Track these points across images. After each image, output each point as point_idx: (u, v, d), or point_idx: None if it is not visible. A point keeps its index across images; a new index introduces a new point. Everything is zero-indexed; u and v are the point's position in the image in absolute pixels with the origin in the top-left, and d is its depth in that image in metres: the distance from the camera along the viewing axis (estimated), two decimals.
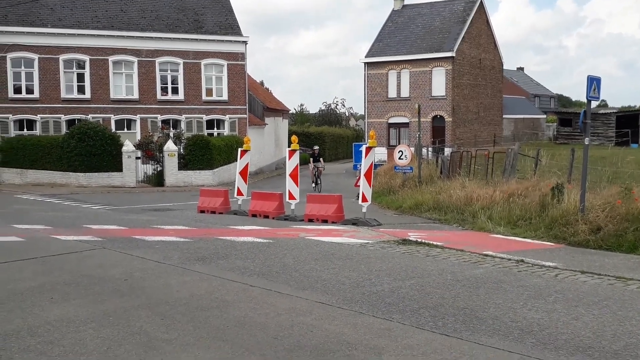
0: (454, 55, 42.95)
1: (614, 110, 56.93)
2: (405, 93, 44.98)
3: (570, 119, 55.13)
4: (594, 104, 12.98)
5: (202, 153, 32.76)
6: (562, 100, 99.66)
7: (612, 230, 10.54)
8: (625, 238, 10.30)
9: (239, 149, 18.29)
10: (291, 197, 16.42)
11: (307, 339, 5.91)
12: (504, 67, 55.15)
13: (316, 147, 30.10)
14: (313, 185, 27.89)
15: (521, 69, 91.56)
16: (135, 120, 36.83)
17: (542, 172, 16.48)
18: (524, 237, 11.76)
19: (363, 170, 15.47)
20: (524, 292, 7.61)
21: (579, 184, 11.95)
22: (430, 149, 36.92)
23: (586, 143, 11.73)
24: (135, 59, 36.48)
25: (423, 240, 11.57)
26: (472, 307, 6.93)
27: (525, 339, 5.84)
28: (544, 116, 72.39)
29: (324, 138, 62.84)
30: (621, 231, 10.44)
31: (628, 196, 11.10)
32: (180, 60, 37.25)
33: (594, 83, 11.69)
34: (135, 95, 36.70)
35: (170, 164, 32.36)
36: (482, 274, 8.71)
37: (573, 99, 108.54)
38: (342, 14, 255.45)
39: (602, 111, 56.50)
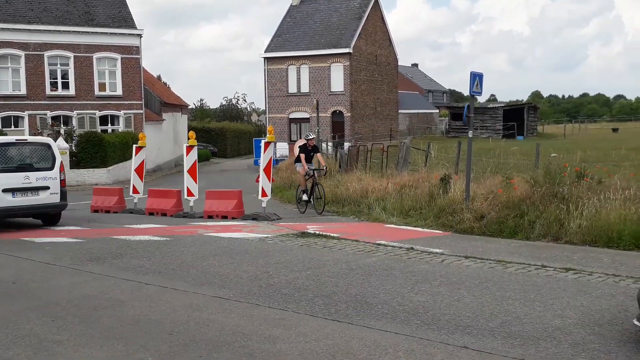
0: (351, 51, 43.86)
1: (502, 105, 60.26)
2: (305, 88, 45.45)
3: (461, 113, 57.73)
4: (482, 99, 13.76)
5: (95, 150, 31.66)
6: (455, 95, 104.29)
7: (494, 218, 11.26)
8: (506, 224, 11.04)
9: (134, 146, 17.89)
10: (190, 194, 16.27)
11: (202, 333, 5.99)
12: (399, 64, 56.93)
13: (312, 136, 16.97)
14: (304, 198, 16.23)
15: (415, 65, 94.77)
16: (23, 117, 34.93)
17: (432, 164, 17.28)
18: (415, 226, 12.32)
19: (262, 165, 15.59)
20: (412, 277, 8.04)
21: (465, 174, 12.66)
22: (330, 143, 37.60)
23: (470, 136, 12.45)
24: (22, 53, 34.59)
25: (321, 232, 11.86)
26: (364, 294, 7.25)
27: (411, 320, 6.21)
28: (437, 111, 75.39)
29: (226, 134, 62.33)
30: (502, 218, 11.18)
31: (508, 185, 11.90)
32: (70, 54, 35.71)
33: (476, 79, 12.40)
34: (23, 90, 34.83)
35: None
36: (374, 262, 9.09)
37: (465, 94, 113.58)
38: (245, 7, 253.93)
39: (490, 105, 59.65)
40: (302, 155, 16.39)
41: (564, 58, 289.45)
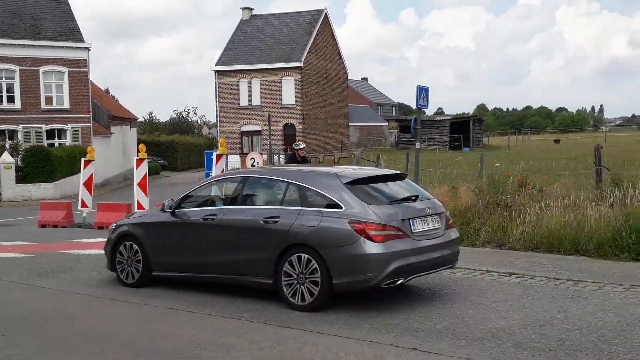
0: (301, 65, 44.23)
1: (449, 117, 61.62)
2: (256, 101, 45.54)
3: (410, 125, 58.83)
4: (430, 112, 14.14)
5: (42, 165, 30.93)
6: (403, 108, 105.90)
7: None
8: None
9: (83, 160, 17.64)
10: (140, 207, 16.09)
11: (156, 344, 6.03)
12: (349, 78, 57.65)
13: (302, 146, 15.26)
14: None
15: (365, 79, 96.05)
16: None
17: None
18: None
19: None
20: None
21: None
22: (282, 155, 37.76)
23: (417, 147, 12.82)
24: None
25: None
26: None
27: (362, 325, 6.38)
28: (386, 124, 76.53)
29: (176, 147, 61.67)
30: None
31: (454, 194, 12.27)
32: (16, 67, 34.86)
33: (422, 92, 12.79)
34: None
35: (7, 177, 30.18)
36: None
37: (413, 107, 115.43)
38: (195, 21, 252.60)
39: (438, 118, 60.91)
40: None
41: (508, 72, 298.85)
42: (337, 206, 6.91)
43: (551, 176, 15.18)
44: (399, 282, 6.92)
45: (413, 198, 7.35)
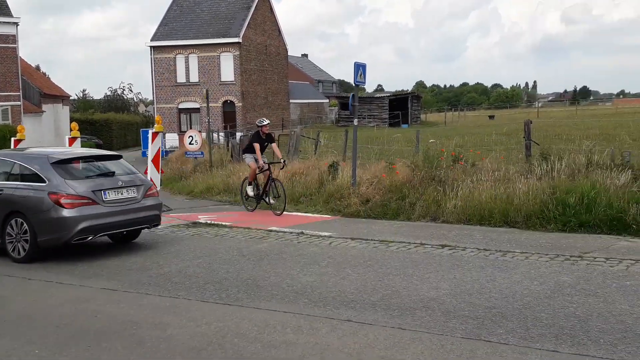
0: (240, 40, 43.62)
1: (388, 94, 62.22)
2: (194, 78, 44.70)
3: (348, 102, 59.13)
4: (370, 89, 14.22)
5: None
6: (344, 85, 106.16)
7: (378, 201, 11.83)
8: (390, 207, 11.63)
9: (13, 139, 16.99)
10: None
11: (91, 324, 5.97)
12: (289, 54, 57.28)
13: (266, 122, 13.55)
14: (249, 193, 13.54)
15: (305, 55, 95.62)
16: None
17: (322, 152, 17.72)
18: (306, 212, 12.67)
19: (150, 156, 15.34)
20: (301, 260, 8.34)
21: (351, 161, 13.14)
22: (221, 133, 37.32)
23: (355, 124, 12.96)
24: None
25: (212, 222, 11.90)
26: (255, 278, 7.47)
27: (299, 299, 6.50)
28: (327, 101, 76.62)
29: (111, 125, 59.97)
30: (386, 201, 11.77)
31: (391, 170, 12.52)
32: None
33: (360, 69, 12.87)
34: None
35: None
36: (265, 247, 9.32)
37: (354, 84, 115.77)
38: None
39: (377, 95, 61.45)
40: (257, 145, 13.19)
41: (446, 49, 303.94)
42: (44, 181, 8.84)
43: (483, 151, 15.63)
44: (89, 238, 8.85)
45: (110, 174, 9.35)
